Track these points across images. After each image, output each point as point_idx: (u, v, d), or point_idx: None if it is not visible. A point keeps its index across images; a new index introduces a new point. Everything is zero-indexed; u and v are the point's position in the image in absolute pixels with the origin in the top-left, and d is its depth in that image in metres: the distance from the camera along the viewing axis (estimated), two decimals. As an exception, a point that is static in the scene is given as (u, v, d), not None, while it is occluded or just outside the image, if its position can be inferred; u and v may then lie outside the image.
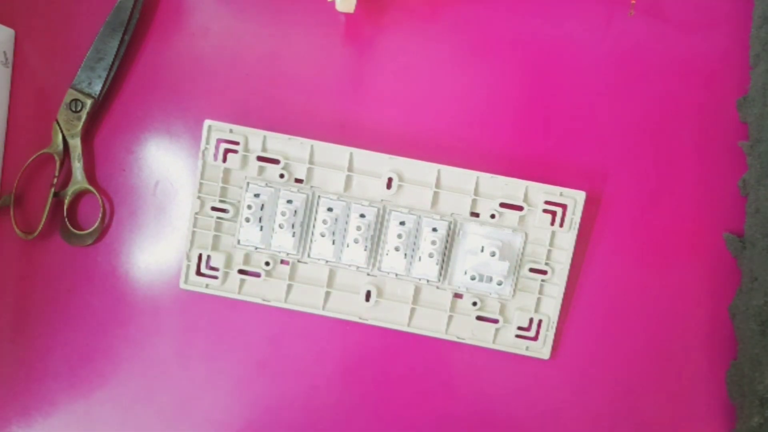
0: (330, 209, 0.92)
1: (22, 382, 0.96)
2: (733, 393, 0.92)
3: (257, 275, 0.94)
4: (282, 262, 0.94)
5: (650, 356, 0.95)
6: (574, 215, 0.91)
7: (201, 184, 0.93)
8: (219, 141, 0.92)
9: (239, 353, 0.96)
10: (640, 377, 0.95)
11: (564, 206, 0.91)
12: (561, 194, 0.91)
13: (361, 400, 0.96)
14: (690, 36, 0.95)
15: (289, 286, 0.94)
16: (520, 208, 0.91)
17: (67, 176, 0.95)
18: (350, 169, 0.92)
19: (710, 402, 0.95)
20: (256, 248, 0.93)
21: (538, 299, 0.93)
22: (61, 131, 0.94)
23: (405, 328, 0.93)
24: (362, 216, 0.92)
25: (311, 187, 0.93)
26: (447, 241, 0.92)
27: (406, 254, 0.92)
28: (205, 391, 0.96)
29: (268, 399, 0.96)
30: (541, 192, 0.91)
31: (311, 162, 0.92)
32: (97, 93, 0.94)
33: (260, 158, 0.92)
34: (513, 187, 0.92)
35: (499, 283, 0.91)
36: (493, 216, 0.92)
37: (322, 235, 0.92)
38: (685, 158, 0.95)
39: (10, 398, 0.96)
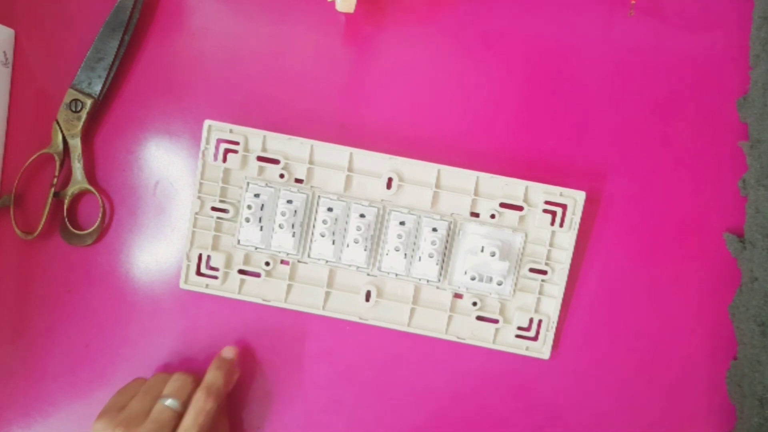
0: (330, 209, 0.92)
1: (22, 382, 0.96)
2: (732, 393, 0.92)
3: (257, 275, 0.94)
4: (282, 262, 0.94)
5: (650, 356, 0.95)
6: (574, 215, 0.91)
7: (201, 184, 0.93)
8: (219, 141, 0.92)
9: (239, 354, 0.95)
10: (639, 377, 0.95)
11: (564, 206, 0.91)
12: (561, 194, 0.91)
13: (361, 400, 0.96)
14: (690, 36, 0.95)
15: (289, 286, 0.94)
16: (520, 208, 0.91)
17: (67, 176, 0.96)
18: (350, 169, 0.92)
19: (710, 402, 0.95)
20: (256, 248, 0.93)
21: (538, 299, 0.93)
22: (61, 131, 0.94)
23: (405, 328, 0.94)
24: (362, 216, 0.92)
25: (311, 187, 0.93)
26: (447, 241, 0.92)
27: (406, 254, 0.92)
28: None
29: (266, 398, 0.96)
30: (541, 192, 0.91)
31: (311, 162, 0.92)
32: (97, 93, 0.94)
33: (260, 158, 0.93)
34: (513, 187, 0.92)
35: (499, 283, 0.91)
36: (493, 216, 0.92)
37: (322, 235, 0.92)
38: (685, 158, 0.95)
39: (10, 398, 0.96)
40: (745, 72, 0.94)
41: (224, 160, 0.92)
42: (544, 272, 0.93)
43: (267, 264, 0.94)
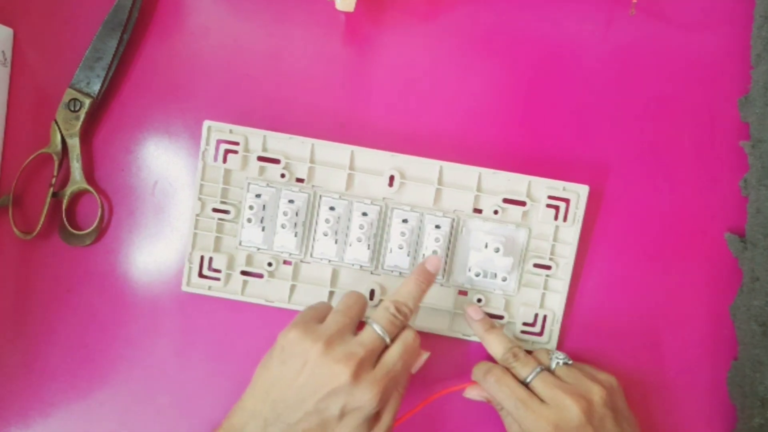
0: (332, 208, 0.92)
1: (22, 382, 0.95)
2: (733, 393, 0.92)
3: (260, 276, 0.94)
4: (284, 262, 0.94)
5: (651, 356, 0.95)
6: (578, 209, 0.91)
7: (201, 185, 0.93)
8: (219, 141, 0.92)
9: (241, 354, 0.95)
10: (641, 376, 0.95)
11: (567, 201, 0.92)
12: (564, 189, 0.91)
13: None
14: (691, 35, 0.96)
15: (293, 287, 0.94)
16: (523, 204, 0.92)
17: (65, 176, 0.95)
18: (351, 167, 0.92)
19: (710, 402, 0.95)
20: (259, 249, 0.93)
21: (543, 294, 0.93)
22: (60, 131, 0.94)
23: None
24: (364, 214, 0.92)
25: (312, 186, 0.93)
26: (450, 238, 0.92)
27: (409, 252, 0.92)
28: (205, 392, 0.95)
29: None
30: (543, 187, 0.92)
31: (312, 161, 0.92)
32: (96, 93, 0.94)
33: (261, 158, 0.92)
34: (516, 183, 0.92)
35: (504, 279, 0.92)
36: (496, 212, 0.92)
37: (325, 235, 0.91)
38: (687, 158, 0.95)
39: (9, 399, 0.95)
40: (746, 71, 0.94)
41: (224, 160, 0.92)
42: (549, 267, 0.93)
43: (269, 264, 0.94)
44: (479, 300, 0.93)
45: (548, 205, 0.92)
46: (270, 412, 0.77)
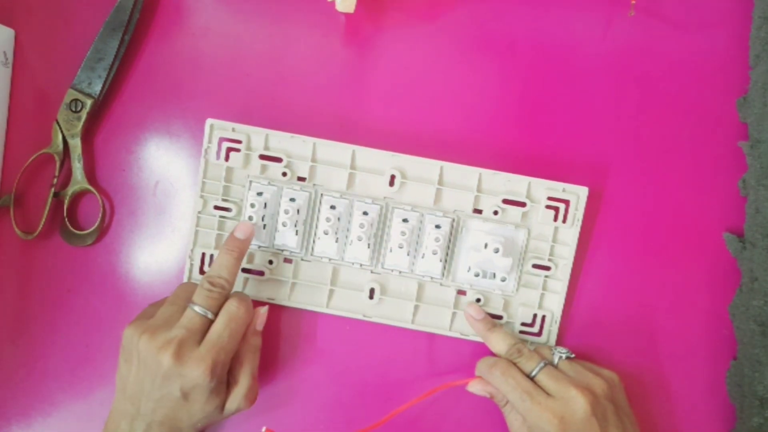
0: (333, 207, 0.92)
1: (22, 382, 0.95)
2: (732, 393, 0.92)
3: (261, 273, 0.94)
4: (285, 260, 0.94)
5: (650, 355, 0.95)
6: (577, 211, 0.92)
7: (203, 183, 0.93)
8: (221, 140, 0.92)
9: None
10: (640, 377, 0.95)
11: (567, 202, 0.92)
12: (564, 190, 0.91)
13: (364, 398, 0.95)
14: (690, 36, 0.96)
15: (293, 285, 0.94)
16: (522, 204, 0.92)
17: (67, 176, 0.95)
18: (353, 166, 0.92)
19: (710, 402, 0.95)
20: (260, 247, 0.93)
21: (542, 295, 0.93)
22: (61, 131, 0.94)
23: (409, 325, 0.94)
24: (365, 213, 0.92)
25: (314, 185, 0.93)
26: (450, 237, 0.92)
27: (409, 251, 0.92)
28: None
29: (269, 398, 0.95)
30: (543, 188, 0.92)
31: (314, 160, 0.92)
32: (97, 93, 0.94)
33: (263, 156, 0.92)
34: (516, 184, 0.92)
35: (503, 280, 0.92)
36: (496, 212, 0.92)
37: (326, 233, 0.91)
38: (686, 158, 0.95)
39: (10, 398, 0.96)
40: (745, 72, 0.95)
41: (227, 158, 0.92)
42: (548, 268, 0.93)
43: (270, 262, 0.94)
44: (478, 300, 0.93)
45: (548, 206, 0.92)
46: (131, 408, 0.83)
